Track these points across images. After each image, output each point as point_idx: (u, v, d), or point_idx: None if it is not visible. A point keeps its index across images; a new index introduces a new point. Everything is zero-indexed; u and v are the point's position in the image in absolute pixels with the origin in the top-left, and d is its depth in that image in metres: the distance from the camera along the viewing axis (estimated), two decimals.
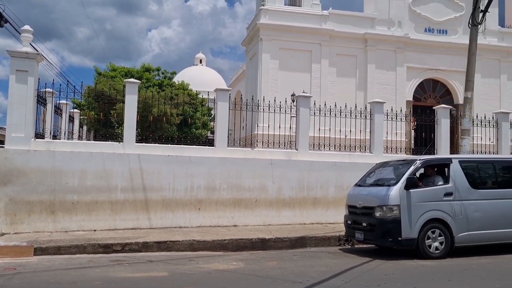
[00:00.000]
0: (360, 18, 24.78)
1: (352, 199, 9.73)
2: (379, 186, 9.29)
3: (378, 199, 8.89)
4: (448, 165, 9.29)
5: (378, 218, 8.74)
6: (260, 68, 23.18)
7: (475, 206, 9.08)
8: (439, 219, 8.77)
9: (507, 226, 9.28)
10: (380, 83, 24.26)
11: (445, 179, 9.18)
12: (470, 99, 13.42)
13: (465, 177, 9.19)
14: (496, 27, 26.21)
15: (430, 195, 8.86)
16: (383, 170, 9.94)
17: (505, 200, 9.38)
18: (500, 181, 9.68)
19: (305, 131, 12.80)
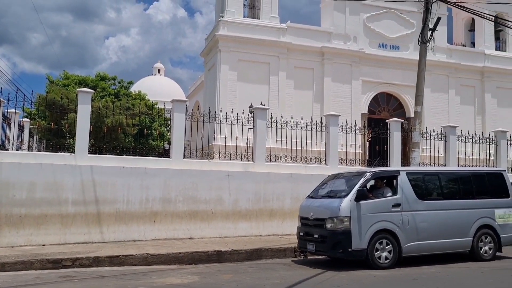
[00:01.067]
0: (317, 32, 25.32)
1: (305, 210, 9.82)
2: (330, 198, 9.42)
3: (329, 210, 9.01)
4: (396, 177, 9.55)
5: (329, 229, 8.86)
6: (218, 79, 23.19)
7: (422, 216, 9.37)
8: (388, 230, 8.99)
9: (452, 236, 9.63)
10: (336, 95, 24.81)
11: (394, 191, 9.43)
12: (420, 113, 13.95)
13: (412, 189, 9.46)
14: (445, 44, 27.44)
15: (379, 206, 9.08)
16: (335, 182, 10.09)
17: (450, 210, 9.73)
18: (445, 192, 10.08)
19: (262, 143, 12.89)
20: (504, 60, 28.33)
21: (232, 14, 23.79)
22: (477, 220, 9.96)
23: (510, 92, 28.33)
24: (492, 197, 10.43)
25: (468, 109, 27.68)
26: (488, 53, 28.15)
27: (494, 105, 27.91)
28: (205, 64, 27.09)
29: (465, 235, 9.78)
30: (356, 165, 15.91)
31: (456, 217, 9.73)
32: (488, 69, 27.78)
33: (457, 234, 9.69)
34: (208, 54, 26.02)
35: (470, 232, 9.83)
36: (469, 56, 27.91)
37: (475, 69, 27.77)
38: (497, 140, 16.48)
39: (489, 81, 27.91)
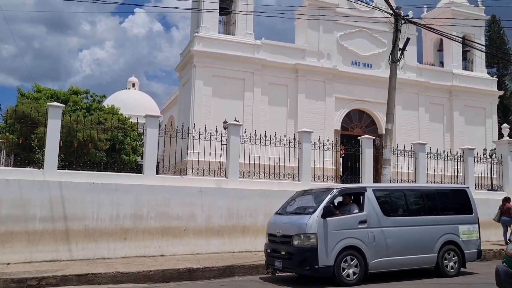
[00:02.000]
0: (291, 49, 25.67)
1: (272, 227, 9.78)
2: (298, 215, 9.42)
3: (296, 227, 9.00)
4: (363, 193, 9.66)
5: (296, 246, 8.85)
6: (193, 94, 23.17)
7: (387, 233, 9.46)
8: (354, 247, 9.03)
9: (418, 252, 9.74)
10: (310, 112, 25.10)
11: (361, 207, 9.50)
12: (391, 130, 14.25)
13: (378, 205, 9.56)
14: (415, 63, 28.22)
15: (346, 223, 9.14)
16: (303, 198, 10.10)
17: (415, 227, 9.86)
18: (411, 209, 10.21)
19: (235, 159, 12.90)
20: (471, 80, 29.31)
21: (207, 30, 23.92)
22: (441, 236, 10.11)
23: (477, 110, 29.27)
24: (456, 213, 10.62)
25: (438, 127, 28.42)
26: (456, 72, 29.07)
27: (462, 122, 28.74)
28: (180, 79, 27.06)
29: (430, 251, 9.91)
30: (329, 181, 16.12)
31: (421, 234, 9.86)
32: (456, 88, 28.66)
33: (422, 250, 9.81)
34: (183, 69, 26.01)
35: (435, 248, 9.98)
36: (438, 75, 28.76)
37: (444, 88, 28.60)
38: (464, 157, 16.94)
39: (457, 100, 28.77)
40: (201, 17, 23.99)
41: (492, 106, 29.96)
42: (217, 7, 24.09)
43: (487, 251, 13.80)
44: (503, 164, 17.59)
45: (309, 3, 25.59)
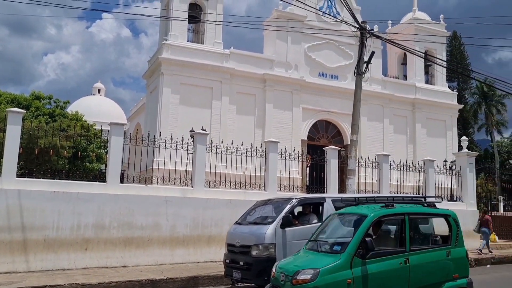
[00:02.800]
0: (260, 59, 25.84)
1: (231, 237, 9.69)
2: (257, 225, 9.37)
3: (255, 237, 8.94)
4: (322, 203, 9.67)
5: (254, 257, 8.78)
6: (160, 102, 22.94)
7: None
8: None
9: None
10: (277, 122, 25.28)
11: (320, 218, 9.47)
12: (356, 141, 14.49)
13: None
14: (380, 76, 28.94)
15: (305, 233, 8.96)
16: (263, 208, 10.05)
17: None
18: None
19: (201, 168, 12.82)
20: (432, 93, 30.28)
21: (176, 38, 23.80)
22: None
23: (438, 122, 30.23)
24: None
25: (401, 138, 29.16)
26: (418, 86, 29.98)
27: (424, 134, 29.60)
28: (147, 87, 26.76)
29: None
30: (295, 191, 16.21)
31: None
32: (419, 101, 29.54)
33: None
34: (151, 77, 25.75)
35: None
36: (401, 88, 29.58)
37: (407, 101, 29.42)
38: (425, 168, 17.42)
39: (420, 112, 29.64)
40: (170, 25, 23.87)
41: (452, 119, 31.01)
42: (186, 15, 24.08)
43: None
44: (462, 176, 18.18)
45: (278, 14, 25.90)
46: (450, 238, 7.57)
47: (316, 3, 26.26)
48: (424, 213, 7.84)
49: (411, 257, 6.95)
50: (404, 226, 7.10)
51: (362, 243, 6.56)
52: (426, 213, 7.87)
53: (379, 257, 6.72)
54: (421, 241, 7.69)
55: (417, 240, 7.55)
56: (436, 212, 7.96)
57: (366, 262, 6.55)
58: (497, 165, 37.09)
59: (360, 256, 6.54)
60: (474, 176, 18.59)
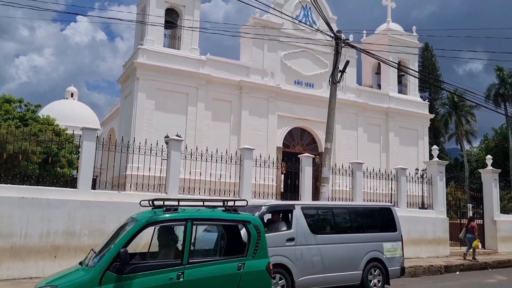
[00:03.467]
0: (236, 66, 25.87)
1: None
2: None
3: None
4: (291, 211, 9.70)
5: None
6: (135, 107, 22.67)
7: (314, 251, 9.56)
8: (281, 264, 8.99)
9: (344, 269, 9.91)
10: (253, 129, 25.32)
11: (289, 225, 9.51)
12: (330, 149, 14.68)
13: (306, 223, 9.64)
14: (355, 85, 29.36)
15: (274, 240, 9.03)
16: None
17: (342, 244, 10.04)
18: (338, 227, 10.39)
19: (175, 175, 12.72)
20: (405, 103, 30.89)
21: (151, 42, 23.63)
22: (366, 254, 10.36)
23: (410, 131, 30.84)
24: (381, 231, 10.95)
25: (375, 146, 29.60)
26: (392, 95, 30.55)
27: (397, 143, 30.14)
28: (122, 91, 26.43)
29: (356, 268, 10.12)
30: (270, 198, 16.26)
31: (347, 251, 10.06)
32: (392, 110, 30.08)
33: (349, 267, 10.00)
34: (126, 81, 25.45)
35: (360, 265, 10.19)
36: (375, 97, 30.07)
37: (381, 109, 29.92)
38: (398, 176, 17.73)
39: (393, 121, 30.18)
40: (146, 30, 23.68)
41: (424, 128, 31.69)
42: (163, 20, 23.92)
43: (417, 267, 14.46)
44: (432, 184, 18.58)
45: (254, 22, 26.04)
46: (247, 248, 6.61)
47: (293, 11, 26.56)
48: (214, 218, 6.78)
49: (187, 271, 6.00)
50: (186, 234, 6.15)
51: (119, 254, 5.64)
52: (216, 218, 6.78)
53: (143, 272, 5.78)
54: (208, 252, 6.91)
55: (201, 251, 6.81)
56: (232, 218, 6.78)
57: (124, 277, 5.62)
58: (467, 174, 38.04)
59: (116, 270, 5.61)
60: (444, 184, 19.03)
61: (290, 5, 26.92)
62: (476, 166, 46.24)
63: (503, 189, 24.21)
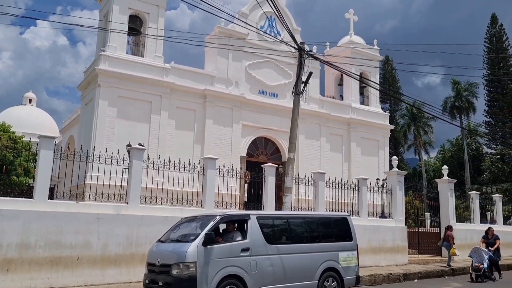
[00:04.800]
0: (200, 74, 25.78)
1: (152, 256, 9.32)
2: (179, 242, 9.07)
3: (176, 256, 8.64)
4: (246, 221, 9.54)
5: (175, 276, 8.46)
6: (96, 114, 22.15)
7: (270, 261, 9.44)
8: (236, 275, 8.85)
9: (299, 279, 9.86)
10: (217, 138, 25.24)
11: (244, 235, 9.37)
12: (293, 159, 14.81)
13: (261, 233, 9.51)
14: (318, 96, 29.82)
15: (228, 251, 8.95)
16: (188, 225, 9.78)
17: (298, 254, 9.98)
18: (294, 236, 10.31)
19: (137, 184, 12.48)
20: (367, 113, 31.62)
21: (114, 49, 23.22)
22: (322, 263, 10.34)
23: (371, 142, 31.56)
24: (337, 240, 10.96)
25: (337, 156, 30.08)
26: (354, 106, 31.20)
27: (358, 153, 30.75)
28: (82, 98, 25.78)
29: (311, 278, 10.07)
30: (233, 207, 16.21)
31: (303, 261, 10.00)
32: (354, 121, 30.72)
33: (304, 277, 9.94)
34: (86, 88, 24.85)
35: (316, 275, 10.15)
36: (338, 107, 30.63)
37: (343, 120, 30.49)
38: (359, 186, 18.06)
39: (355, 132, 30.80)
40: (109, 36, 23.24)
41: (384, 139, 32.50)
42: (126, 27, 23.58)
43: (377, 275, 14.72)
44: (392, 193, 19.03)
45: (220, 31, 26.08)
46: None
47: (258, 22, 26.76)
48: None
49: None
50: None
51: None
52: None
53: None
54: None
55: None
56: None
57: None
58: (425, 183, 39.19)
59: None
60: (403, 193, 19.53)
61: (255, 15, 27.13)
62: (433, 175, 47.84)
63: (459, 198, 25.07)
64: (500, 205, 24.36)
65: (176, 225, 10.13)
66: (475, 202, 23.07)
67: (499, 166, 42.23)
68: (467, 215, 23.86)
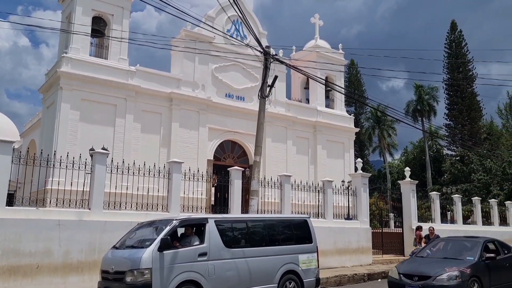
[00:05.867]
0: (166, 77, 25.52)
1: (106, 263, 9.10)
2: (134, 248, 8.86)
3: (130, 262, 8.44)
4: (204, 225, 9.39)
5: (129, 283, 8.25)
6: (58, 118, 21.56)
7: (228, 265, 9.33)
8: (193, 281, 8.69)
9: (259, 283, 9.79)
10: (183, 141, 25.03)
11: (202, 239, 9.19)
12: (259, 162, 14.87)
13: (219, 237, 9.38)
14: (284, 99, 30.03)
15: (185, 256, 8.78)
16: (144, 230, 9.59)
17: (257, 258, 9.91)
18: (253, 240, 10.21)
19: (100, 190, 12.25)
20: (332, 116, 32.08)
21: (77, 51, 22.69)
22: (282, 266, 10.29)
23: (337, 144, 32.02)
24: (297, 243, 10.94)
25: (303, 159, 30.37)
26: (319, 109, 31.60)
27: (324, 156, 31.15)
28: (43, 101, 25.06)
29: (271, 281, 10.02)
30: (200, 211, 16.14)
31: (262, 264, 9.93)
32: (320, 124, 31.09)
33: (263, 281, 9.87)
34: (48, 91, 24.18)
35: (275, 278, 10.10)
36: (304, 111, 30.95)
37: (309, 123, 30.82)
38: (324, 188, 18.31)
39: (320, 134, 31.19)
40: (71, 37, 22.70)
41: (350, 142, 33.04)
42: (89, 29, 23.12)
43: (342, 276, 14.97)
44: (357, 195, 19.39)
45: (186, 34, 25.93)
46: None
47: (224, 25, 26.75)
48: None
49: None
50: None
51: None
52: None
53: None
54: None
55: None
56: None
57: None
58: (389, 185, 40.17)
59: None
60: (367, 195, 19.93)
61: (221, 19, 27.09)
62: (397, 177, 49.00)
63: (421, 199, 25.81)
64: (459, 205, 25.20)
65: (132, 230, 9.89)
66: (436, 202, 23.77)
67: (458, 167, 43.68)
68: (429, 215, 24.55)
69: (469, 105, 48.78)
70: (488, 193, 36.71)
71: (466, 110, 48.49)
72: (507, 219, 28.53)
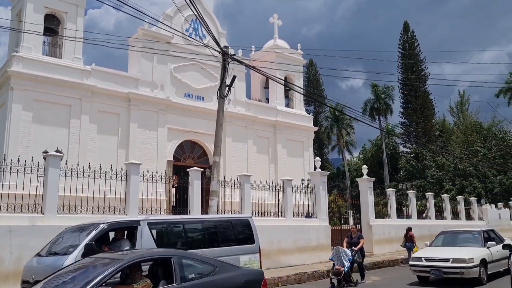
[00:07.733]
0: (124, 77, 25.02)
1: (27, 272, 8.48)
2: (57, 255, 8.40)
3: (52, 270, 7.75)
4: (136, 227, 9.02)
5: None
6: (9, 119, 20.72)
7: None
8: None
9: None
10: (142, 142, 24.64)
11: (133, 243, 8.80)
12: (218, 162, 14.82)
13: (153, 240, 9.02)
14: (244, 99, 30.11)
15: None
16: (70, 235, 9.08)
17: None
18: (190, 242, 9.78)
19: (53, 193, 11.88)
20: (292, 116, 32.46)
21: (28, 50, 21.88)
22: None
23: (297, 143, 32.44)
24: (238, 243, 10.60)
25: (264, 158, 30.57)
26: (279, 109, 31.90)
27: (284, 154, 31.46)
28: None
29: None
30: (159, 213, 15.93)
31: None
32: (279, 123, 31.39)
33: None
34: None
35: None
36: (264, 110, 31.15)
37: (269, 122, 31.05)
38: (284, 187, 18.48)
39: (280, 134, 31.49)
40: (22, 36, 21.85)
41: (309, 140, 33.54)
42: (42, 27, 22.34)
43: (302, 274, 15.16)
44: (316, 194, 19.68)
45: (143, 33, 25.51)
46: None
47: (183, 24, 26.52)
48: None
49: None
50: None
51: None
52: None
53: None
54: None
55: None
56: None
57: None
58: (348, 182, 41.01)
59: None
60: (326, 193, 20.25)
61: (180, 18, 26.79)
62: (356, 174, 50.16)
63: (378, 196, 26.53)
64: (414, 201, 26.07)
65: (58, 236, 9.37)
66: (392, 198, 24.49)
67: (413, 164, 45.21)
68: (386, 211, 25.27)
69: (423, 104, 50.58)
70: (441, 189, 38.24)
71: (420, 109, 50.25)
72: (458, 213, 29.80)
